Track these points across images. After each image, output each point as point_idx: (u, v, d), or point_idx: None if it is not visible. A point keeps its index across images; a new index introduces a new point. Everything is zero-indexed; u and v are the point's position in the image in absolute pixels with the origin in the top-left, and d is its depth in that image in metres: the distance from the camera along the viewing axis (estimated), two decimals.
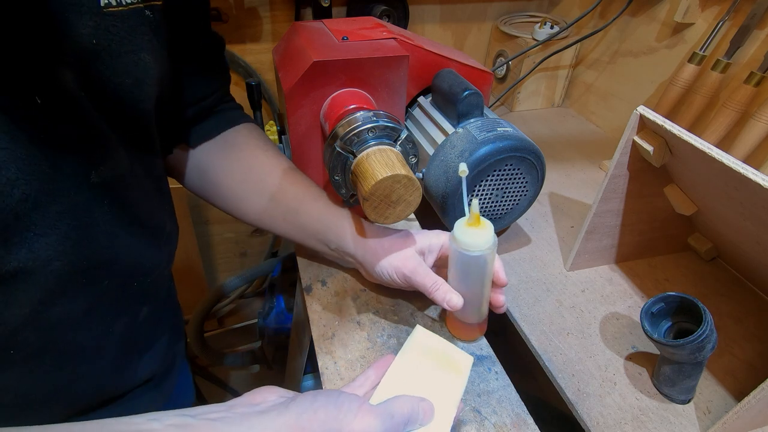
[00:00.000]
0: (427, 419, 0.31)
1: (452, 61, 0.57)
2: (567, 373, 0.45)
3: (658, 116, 0.40)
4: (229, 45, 0.80)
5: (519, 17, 0.93)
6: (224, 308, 1.20)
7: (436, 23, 0.91)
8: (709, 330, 0.37)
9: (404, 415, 0.29)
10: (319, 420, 0.26)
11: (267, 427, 0.26)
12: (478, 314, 0.45)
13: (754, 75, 0.57)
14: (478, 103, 0.52)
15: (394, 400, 0.30)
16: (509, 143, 0.48)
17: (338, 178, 0.44)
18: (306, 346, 0.75)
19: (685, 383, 0.42)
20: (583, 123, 0.91)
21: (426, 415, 0.31)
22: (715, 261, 0.59)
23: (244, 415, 0.26)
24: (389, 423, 0.28)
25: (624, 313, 0.51)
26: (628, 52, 0.81)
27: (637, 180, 0.48)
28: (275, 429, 0.26)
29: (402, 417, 0.29)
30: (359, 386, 0.36)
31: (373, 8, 0.81)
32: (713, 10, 0.66)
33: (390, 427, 0.28)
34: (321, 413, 0.27)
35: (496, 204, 0.53)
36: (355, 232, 0.47)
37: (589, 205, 0.51)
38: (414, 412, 0.30)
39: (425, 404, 0.31)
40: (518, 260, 0.58)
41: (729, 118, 0.60)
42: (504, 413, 0.41)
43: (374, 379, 0.37)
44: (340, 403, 0.28)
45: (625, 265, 0.58)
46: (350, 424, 0.27)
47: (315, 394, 0.28)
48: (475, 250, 0.39)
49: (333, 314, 0.50)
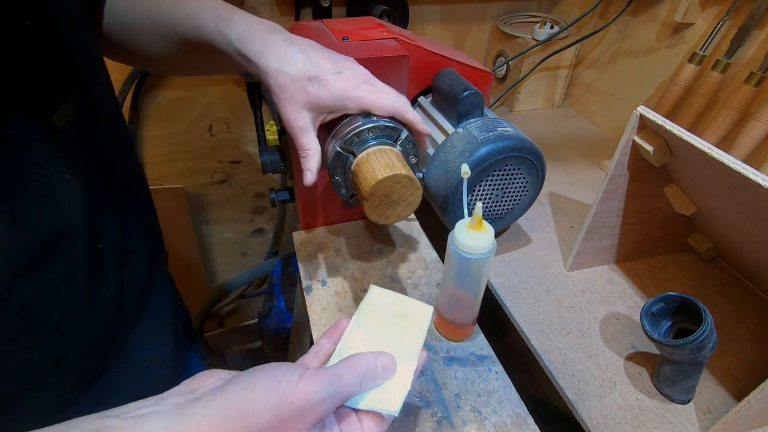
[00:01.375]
0: (388, 373, 0.30)
1: (452, 61, 0.57)
2: (567, 373, 0.45)
3: (658, 116, 0.40)
4: None
5: (519, 17, 0.93)
6: (224, 308, 1.20)
7: (436, 23, 0.91)
8: (709, 330, 0.37)
9: (357, 373, 0.28)
10: (258, 396, 0.25)
11: (200, 414, 0.24)
12: (471, 314, 0.45)
13: (754, 75, 0.57)
14: (478, 103, 0.52)
15: (345, 360, 0.29)
16: (509, 143, 0.48)
17: (338, 179, 0.44)
18: (306, 346, 0.75)
19: (685, 383, 0.42)
20: (583, 123, 0.91)
21: (386, 369, 0.30)
22: (715, 261, 0.59)
23: (176, 406, 0.25)
24: (337, 384, 0.26)
25: (624, 313, 0.51)
26: (628, 52, 0.81)
27: (637, 180, 0.48)
28: (210, 414, 0.24)
29: (354, 376, 0.28)
30: (312, 358, 0.34)
31: (373, 8, 0.81)
32: (713, 10, 0.66)
33: (338, 389, 0.26)
34: (260, 388, 0.25)
35: (496, 204, 0.53)
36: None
37: (589, 205, 0.51)
38: (370, 368, 0.29)
39: (384, 358, 0.30)
40: (518, 260, 0.58)
41: (729, 118, 0.60)
42: (504, 413, 0.41)
43: (329, 347, 0.34)
44: (280, 375, 0.26)
45: (625, 265, 0.58)
46: (291, 394, 0.25)
47: (253, 370, 0.27)
48: (475, 253, 0.39)
49: (333, 314, 0.50)
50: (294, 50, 0.39)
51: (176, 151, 0.90)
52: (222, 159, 0.94)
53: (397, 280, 0.54)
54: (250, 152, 0.95)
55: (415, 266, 0.56)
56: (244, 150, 0.95)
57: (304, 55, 0.40)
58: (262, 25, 0.40)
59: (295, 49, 0.40)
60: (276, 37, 0.39)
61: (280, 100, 0.39)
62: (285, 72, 0.39)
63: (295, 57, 0.39)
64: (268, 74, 0.39)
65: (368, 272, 0.55)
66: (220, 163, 0.95)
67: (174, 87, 0.82)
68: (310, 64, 0.39)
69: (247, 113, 0.88)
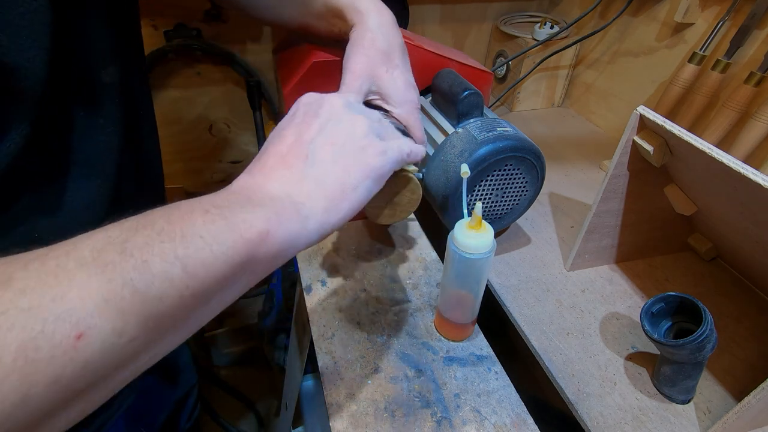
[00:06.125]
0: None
1: (452, 61, 0.57)
2: (567, 373, 0.45)
3: (658, 116, 0.40)
4: (229, 45, 0.80)
5: (519, 17, 0.93)
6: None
7: (436, 23, 0.91)
8: (709, 330, 0.37)
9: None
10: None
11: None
12: (470, 314, 0.45)
13: (754, 75, 0.57)
14: (478, 103, 0.52)
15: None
16: (509, 143, 0.48)
17: None
18: (306, 346, 0.75)
19: (685, 383, 0.42)
20: (583, 123, 0.91)
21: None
22: (715, 261, 0.59)
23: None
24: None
25: (624, 313, 0.51)
26: (628, 52, 0.81)
27: (637, 180, 0.48)
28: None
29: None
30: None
31: None
32: (713, 10, 0.66)
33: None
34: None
35: (496, 204, 0.53)
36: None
37: (589, 205, 0.51)
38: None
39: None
40: (518, 260, 0.58)
41: (729, 118, 0.60)
42: (504, 413, 0.41)
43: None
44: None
45: (625, 265, 0.58)
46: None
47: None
48: (475, 253, 0.39)
49: (333, 314, 0.50)
50: (396, 30, 0.43)
51: (176, 151, 0.90)
52: (222, 159, 0.94)
53: (397, 280, 0.54)
54: (250, 152, 0.95)
55: (414, 266, 0.56)
56: (244, 150, 0.95)
57: (402, 46, 0.44)
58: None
59: (395, 29, 0.43)
60: (383, 7, 0.43)
61: (357, 48, 0.41)
62: (379, 36, 0.41)
63: (389, 32, 0.42)
64: (366, 27, 0.41)
65: (368, 272, 0.55)
66: (220, 163, 0.95)
67: (174, 87, 0.82)
68: (404, 57, 0.43)
69: (247, 113, 0.88)
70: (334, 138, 0.31)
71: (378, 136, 0.33)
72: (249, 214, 0.26)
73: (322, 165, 0.30)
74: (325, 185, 0.29)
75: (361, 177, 0.31)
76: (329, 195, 0.29)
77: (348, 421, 0.40)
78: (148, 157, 0.44)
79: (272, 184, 0.29)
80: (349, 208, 0.30)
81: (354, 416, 0.40)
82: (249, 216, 0.25)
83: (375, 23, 0.41)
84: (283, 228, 0.26)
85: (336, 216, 0.29)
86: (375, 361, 0.45)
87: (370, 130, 0.32)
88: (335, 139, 0.31)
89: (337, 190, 0.30)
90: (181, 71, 0.81)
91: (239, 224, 0.25)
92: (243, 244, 0.24)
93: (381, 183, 0.32)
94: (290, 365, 0.91)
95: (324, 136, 0.31)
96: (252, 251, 0.25)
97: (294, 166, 0.30)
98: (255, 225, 0.25)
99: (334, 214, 0.29)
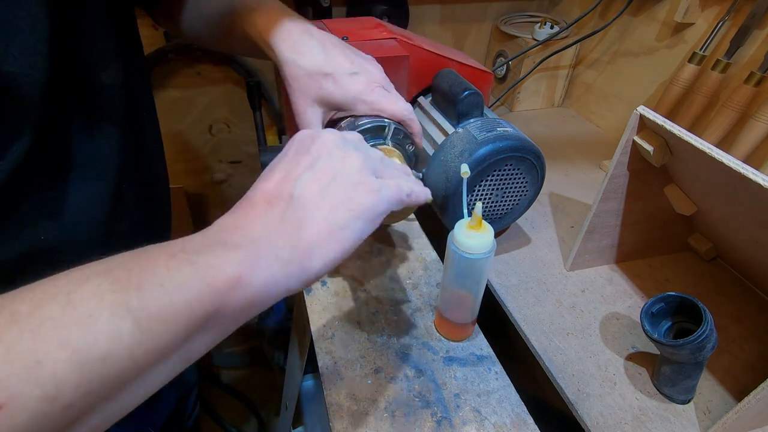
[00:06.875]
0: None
1: (452, 61, 0.57)
2: (567, 373, 0.45)
3: (658, 116, 0.40)
4: None
5: (519, 17, 0.93)
6: None
7: (436, 23, 0.91)
8: (709, 330, 0.37)
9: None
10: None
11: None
12: (470, 314, 0.45)
13: (754, 75, 0.57)
14: (478, 103, 0.52)
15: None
16: (509, 143, 0.48)
17: None
18: (306, 346, 0.75)
19: (685, 383, 0.42)
20: (583, 123, 0.91)
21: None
22: (715, 261, 0.59)
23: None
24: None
25: (624, 313, 0.51)
26: (628, 52, 0.81)
27: (637, 180, 0.48)
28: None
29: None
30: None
31: (373, 8, 0.81)
32: (713, 10, 0.66)
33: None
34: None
35: (496, 204, 0.53)
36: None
37: (589, 205, 0.51)
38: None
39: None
40: (518, 260, 0.58)
41: (729, 118, 0.60)
42: (504, 413, 0.41)
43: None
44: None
45: (625, 265, 0.58)
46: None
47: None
48: (475, 253, 0.39)
49: (333, 314, 0.50)
50: (313, 43, 0.39)
51: (176, 151, 0.90)
52: (222, 159, 0.94)
53: (397, 280, 0.54)
54: (250, 152, 0.95)
55: (414, 266, 0.56)
56: (244, 150, 0.95)
57: (323, 49, 0.39)
58: (285, 13, 0.40)
59: (314, 42, 0.39)
60: (296, 27, 0.39)
61: (293, 90, 0.39)
62: (300, 64, 0.38)
63: (312, 50, 0.39)
64: (285, 63, 0.39)
65: (368, 272, 0.55)
66: (220, 163, 0.95)
67: (174, 87, 0.82)
68: (327, 60, 0.39)
69: (247, 113, 0.88)
70: (322, 174, 0.29)
71: (374, 173, 0.30)
72: (220, 258, 0.23)
73: (307, 203, 0.27)
74: (308, 226, 0.27)
75: (349, 216, 0.28)
76: (313, 236, 0.27)
77: (348, 421, 0.40)
78: (150, 157, 0.44)
79: (252, 225, 0.26)
80: (338, 249, 0.27)
81: (354, 416, 0.40)
82: (219, 261, 0.23)
83: (289, 51, 0.39)
84: (258, 274, 0.24)
85: (321, 260, 0.27)
86: (375, 361, 0.45)
87: (364, 166, 0.30)
88: (323, 176, 0.29)
89: (323, 230, 0.27)
90: (181, 71, 0.81)
91: (206, 270, 0.22)
92: (209, 293, 0.22)
93: (376, 223, 0.29)
94: (290, 365, 0.91)
95: (312, 172, 0.29)
96: (219, 301, 0.22)
97: (277, 205, 0.27)
98: (225, 270, 0.23)
99: (319, 258, 0.26)
